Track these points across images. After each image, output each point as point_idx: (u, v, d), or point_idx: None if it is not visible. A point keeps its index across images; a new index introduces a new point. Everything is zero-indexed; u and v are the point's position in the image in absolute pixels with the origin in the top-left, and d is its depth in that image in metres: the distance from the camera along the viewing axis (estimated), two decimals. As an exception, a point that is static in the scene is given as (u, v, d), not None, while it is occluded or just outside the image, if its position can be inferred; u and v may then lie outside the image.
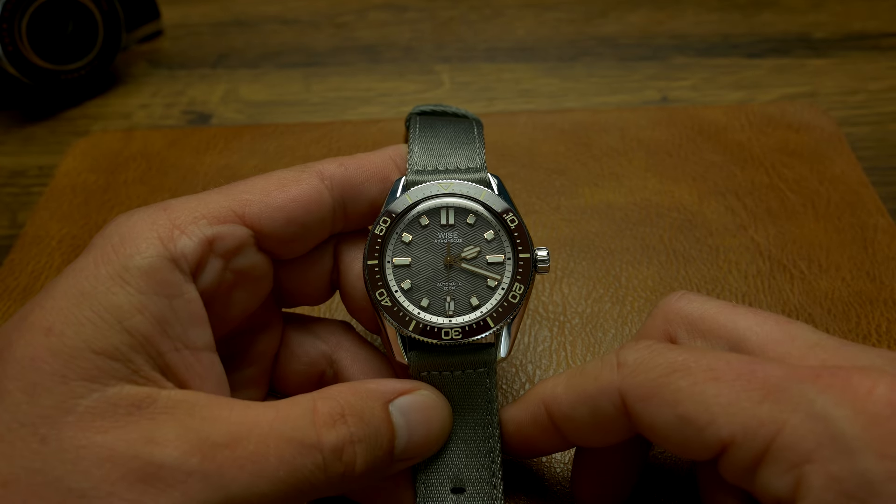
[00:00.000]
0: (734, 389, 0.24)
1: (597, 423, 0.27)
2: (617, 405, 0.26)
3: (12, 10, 0.55)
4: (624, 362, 0.26)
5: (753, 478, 0.24)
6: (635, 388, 0.26)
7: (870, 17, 0.67)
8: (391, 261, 0.30)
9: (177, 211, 0.27)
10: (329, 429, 0.26)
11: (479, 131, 0.33)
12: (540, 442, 0.30)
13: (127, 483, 0.22)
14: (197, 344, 0.27)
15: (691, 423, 0.24)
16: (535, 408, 0.29)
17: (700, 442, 0.24)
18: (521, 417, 0.30)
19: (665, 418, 0.25)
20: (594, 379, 0.27)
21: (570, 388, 0.28)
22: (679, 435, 0.25)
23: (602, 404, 0.27)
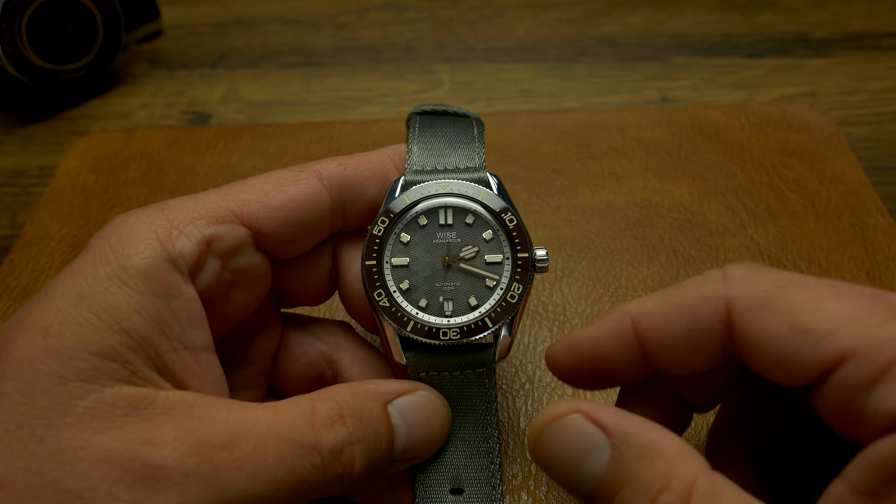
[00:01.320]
0: (858, 306, 0.23)
1: (691, 339, 0.25)
2: (720, 316, 0.25)
3: (12, 10, 0.55)
4: (732, 275, 0.25)
5: (866, 396, 0.22)
6: (745, 298, 0.24)
7: (870, 17, 0.67)
8: (389, 261, 0.30)
9: (175, 211, 0.27)
10: (328, 430, 0.26)
11: (479, 131, 0.33)
12: (616, 365, 0.27)
13: (124, 484, 0.22)
14: (195, 344, 0.27)
15: (807, 333, 0.23)
16: (620, 323, 0.26)
17: (814, 355, 0.23)
18: (600, 334, 0.27)
19: (776, 329, 0.23)
20: (696, 289, 0.25)
21: (666, 300, 0.26)
22: (788, 348, 0.23)
23: (703, 314, 0.25)
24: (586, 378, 0.28)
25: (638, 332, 0.26)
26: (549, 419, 0.24)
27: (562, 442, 0.24)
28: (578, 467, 0.24)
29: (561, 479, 0.25)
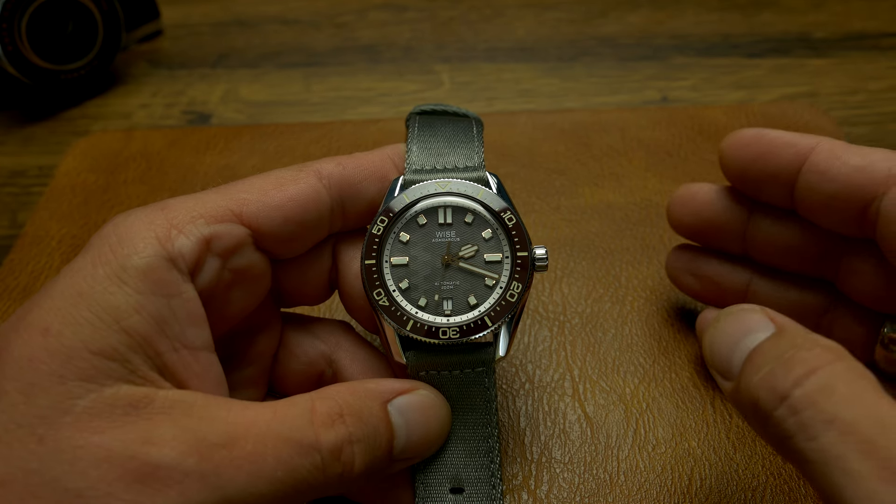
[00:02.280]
0: None
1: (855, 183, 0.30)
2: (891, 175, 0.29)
3: (12, 10, 0.55)
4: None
5: None
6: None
7: (870, 17, 0.67)
8: (389, 260, 0.30)
9: (174, 210, 0.27)
10: (327, 429, 0.26)
11: (478, 130, 0.33)
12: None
13: (124, 483, 0.22)
14: (195, 343, 0.27)
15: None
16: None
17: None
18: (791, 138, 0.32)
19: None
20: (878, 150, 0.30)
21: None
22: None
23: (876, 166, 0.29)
24: (747, 167, 0.33)
25: (816, 152, 0.31)
26: (733, 309, 0.27)
27: (734, 323, 0.26)
28: (738, 342, 0.26)
29: (718, 355, 0.26)
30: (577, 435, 0.36)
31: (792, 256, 0.35)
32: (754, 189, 0.34)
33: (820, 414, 0.22)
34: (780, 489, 0.33)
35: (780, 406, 0.23)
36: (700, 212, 0.36)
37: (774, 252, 0.35)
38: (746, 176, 0.34)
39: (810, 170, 0.31)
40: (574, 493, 0.34)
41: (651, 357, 0.39)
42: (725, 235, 0.36)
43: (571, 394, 0.37)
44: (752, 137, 0.33)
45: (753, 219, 0.35)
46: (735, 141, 0.33)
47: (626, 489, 0.33)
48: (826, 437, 0.21)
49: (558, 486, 0.34)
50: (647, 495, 0.33)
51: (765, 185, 0.33)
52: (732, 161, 0.34)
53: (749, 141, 0.33)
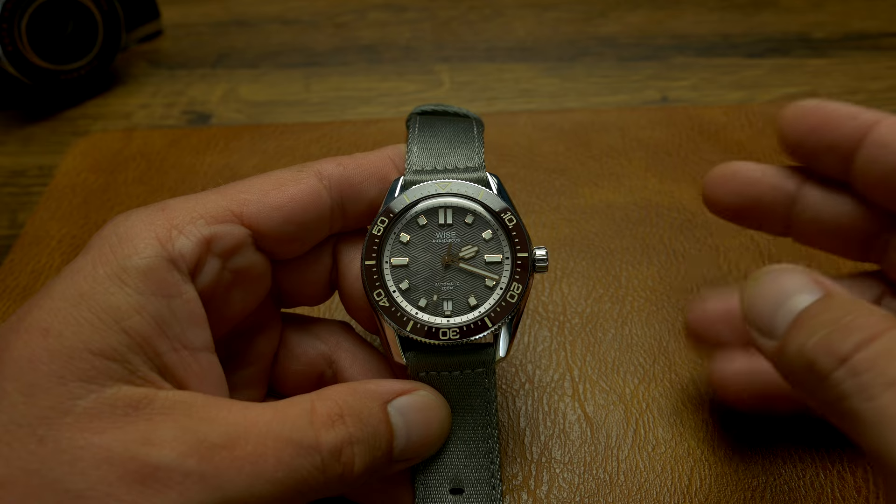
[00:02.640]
0: None
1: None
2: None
3: (12, 10, 0.55)
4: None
5: None
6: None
7: (870, 17, 0.67)
8: (389, 261, 0.30)
9: (175, 211, 0.27)
10: (327, 429, 0.26)
11: (478, 131, 0.33)
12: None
13: (124, 484, 0.22)
14: (195, 344, 0.27)
15: None
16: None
17: None
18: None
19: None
20: None
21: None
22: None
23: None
24: (806, 136, 0.33)
25: (879, 125, 0.30)
26: (774, 268, 0.27)
27: (777, 282, 0.26)
28: (782, 303, 0.26)
29: (758, 313, 0.26)
30: (577, 435, 0.36)
31: (839, 238, 0.34)
32: (810, 159, 0.33)
33: (881, 376, 0.22)
34: (780, 489, 0.33)
35: (839, 368, 0.23)
36: (743, 191, 0.34)
37: (820, 232, 0.34)
38: (804, 145, 0.33)
39: (873, 142, 0.30)
40: (574, 493, 0.34)
41: (651, 357, 0.39)
42: (769, 215, 0.34)
43: (571, 394, 0.37)
44: (813, 107, 0.33)
45: (800, 196, 0.34)
46: (795, 110, 0.33)
47: (626, 489, 0.33)
48: (886, 396, 0.21)
49: (558, 486, 0.34)
50: (647, 495, 0.33)
51: (822, 156, 0.32)
52: (791, 129, 0.33)
53: (810, 111, 0.32)
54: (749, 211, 0.35)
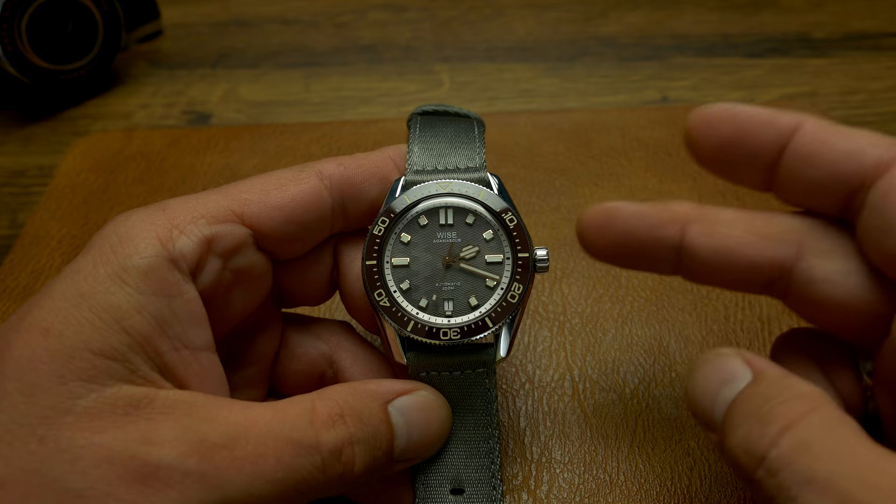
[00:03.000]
0: None
1: (839, 175, 0.26)
2: (880, 164, 0.25)
3: (12, 10, 0.55)
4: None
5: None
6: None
7: (870, 17, 0.67)
8: (390, 261, 0.30)
9: (175, 211, 0.27)
10: (328, 429, 0.26)
11: (479, 131, 0.33)
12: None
13: (124, 483, 0.22)
14: (196, 344, 0.27)
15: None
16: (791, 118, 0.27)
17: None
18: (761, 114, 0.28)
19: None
20: (868, 134, 0.26)
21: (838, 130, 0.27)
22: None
23: (866, 152, 0.26)
24: (719, 148, 0.28)
25: (800, 133, 0.27)
26: (709, 356, 0.26)
27: (711, 372, 0.25)
28: (718, 393, 0.25)
29: (700, 406, 0.25)
30: (577, 435, 0.36)
31: (741, 272, 0.29)
32: (726, 172, 0.29)
33: (797, 474, 0.21)
34: (780, 489, 0.33)
35: (758, 468, 0.22)
36: (623, 236, 0.29)
37: (719, 270, 0.29)
38: (720, 158, 0.29)
39: (794, 154, 0.27)
40: (574, 493, 0.34)
41: (651, 357, 0.39)
42: (658, 258, 0.29)
43: (571, 394, 0.37)
44: (724, 114, 0.28)
45: (689, 235, 0.28)
46: (704, 118, 0.28)
47: (626, 489, 0.33)
48: (805, 497, 0.21)
49: (558, 486, 0.34)
50: (647, 495, 0.33)
51: (740, 168, 0.29)
52: (702, 142, 0.28)
53: (721, 118, 0.28)
54: (633, 256, 0.30)
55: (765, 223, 0.28)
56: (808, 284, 0.27)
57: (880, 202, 0.25)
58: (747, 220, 0.28)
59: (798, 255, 0.27)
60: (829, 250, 0.27)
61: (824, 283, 0.27)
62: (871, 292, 0.26)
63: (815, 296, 0.27)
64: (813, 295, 0.27)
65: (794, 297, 0.28)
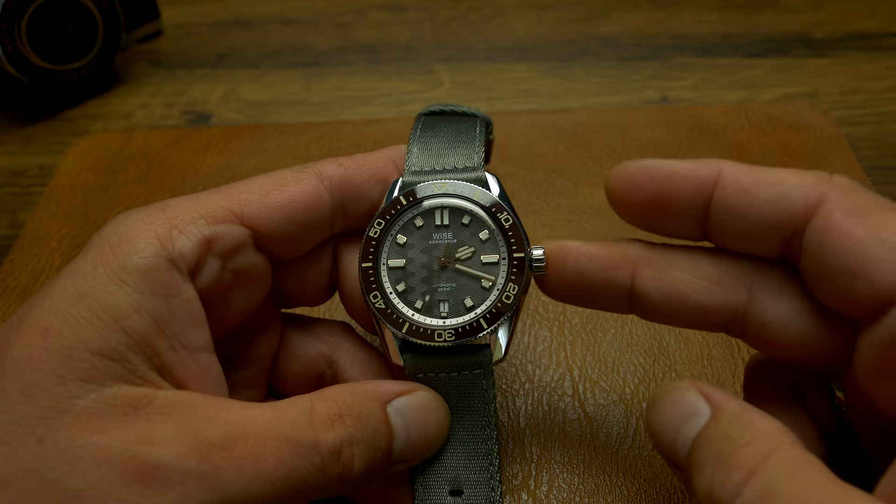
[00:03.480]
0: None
1: (769, 212, 0.26)
2: (808, 205, 0.25)
3: (12, 10, 0.55)
4: (838, 180, 0.25)
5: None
6: (842, 201, 0.24)
7: (870, 17, 0.67)
8: (386, 263, 0.30)
9: (175, 211, 0.27)
10: (327, 429, 0.26)
11: (481, 130, 0.32)
12: (679, 205, 0.27)
13: (124, 484, 0.22)
14: (194, 344, 0.27)
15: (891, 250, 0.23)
16: (709, 169, 0.27)
17: (889, 274, 0.23)
18: (685, 170, 0.27)
19: (861, 235, 0.23)
20: (798, 174, 0.26)
21: (761, 171, 0.26)
22: (867, 256, 0.23)
23: (794, 195, 0.25)
24: (643, 208, 0.28)
25: (721, 186, 0.26)
26: (666, 390, 0.26)
27: (670, 407, 0.25)
28: (679, 430, 0.24)
29: (663, 442, 0.25)
30: (577, 435, 0.36)
31: (693, 316, 0.28)
32: (657, 229, 0.29)
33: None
34: (779, 489, 0.33)
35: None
36: (575, 277, 0.29)
37: (670, 313, 0.29)
38: (645, 217, 0.28)
39: (719, 208, 0.26)
40: (574, 493, 0.34)
41: (651, 357, 0.39)
42: (611, 300, 0.29)
43: (571, 394, 0.37)
44: (642, 174, 0.27)
45: (639, 279, 0.29)
46: (623, 180, 0.28)
47: (626, 489, 0.33)
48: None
49: (558, 486, 0.34)
50: (647, 495, 0.33)
51: (669, 224, 0.28)
52: (624, 203, 0.28)
53: (640, 179, 0.28)
54: (587, 295, 0.30)
55: (714, 267, 0.28)
56: (763, 326, 0.27)
57: (816, 247, 0.24)
58: (696, 264, 0.28)
59: (749, 298, 0.27)
60: (779, 290, 0.27)
61: (778, 325, 0.26)
62: (825, 328, 0.26)
63: (771, 336, 0.27)
64: (769, 335, 0.27)
65: (751, 336, 0.27)
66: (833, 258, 0.24)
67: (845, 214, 0.24)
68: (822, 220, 0.24)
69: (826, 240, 0.24)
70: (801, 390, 0.29)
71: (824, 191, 0.25)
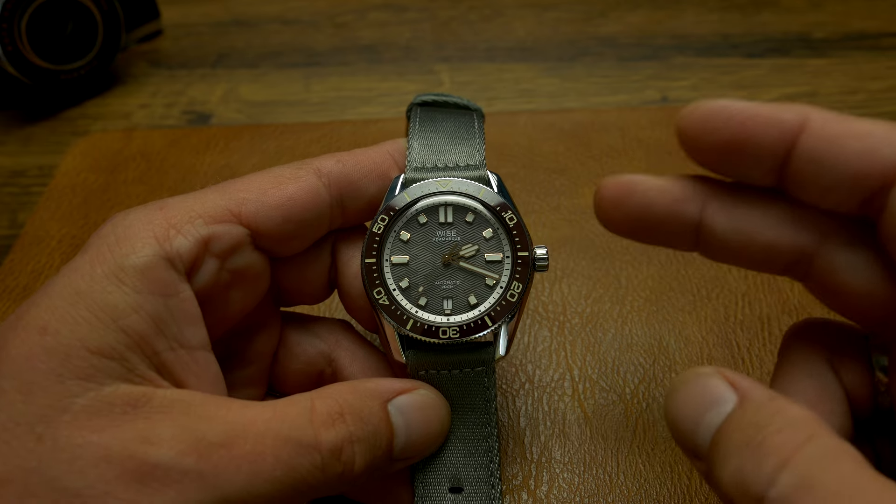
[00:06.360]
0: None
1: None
2: (888, 168, 0.24)
3: (12, 10, 0.55)
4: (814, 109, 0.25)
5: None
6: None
7: (870, 17, 0.67)
8: (389, 259, 0.30)
9: (173, 210, 0.27)
10: (328, 428, 0.26)
11: (479, 125, 0.32)
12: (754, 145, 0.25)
13: (122, 482, 0.22)
14: (192, 343, 0.27)
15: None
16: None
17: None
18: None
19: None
20: (881, 127, 0.24)
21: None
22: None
23: (882, 151, 0.24)
24: (717, 151, 0.26)
25: (807, 133, 0.25)
26: (688, 376, 0.24)
27: (692, 395, 0.24)
28: (701, 418, 0.23)
29: (682, 432, 0.24)
30: (577, 435, 0.36)
31: (760, 254, 0.28)
32: (731, 173, 0.27)
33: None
34: (780, 489, 0.33)
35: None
36: (641, 210, 0.28)
37: (737, 251, 0.28)
38: (720, 161, 0.27)
39: (802, 157, 0.25)
40: (574, 493, 0.33)
41: (651, 357, 0.39)
42: (676, 235, 0.28)
43: (571, 394, 0.37)
44: (720, 114, 0.26)
45: (708, 213, 0.27)
46: (699, 119, 0.26)
47: (626, 489, 0.33)
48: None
49: (558, 486, 0.34)
50: (647, 495, 0.33)
51: (745, 170, 0.27)
52: (698, 145, 0.26)
53: (717, 119, 0.26)
54: (652, 232, 0.29)
55: (787, 205, 0.27)
56: (830, 272, 0.26)
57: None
58: (769, 202, 0.27)
59: (821, 240, 0.26)
60: (852, 239, 0.26)
61: (846, 272, 0.26)
62: (893, 287, 0.25)
63: (837, 283, 0.26)
64: (834, 282, 0.26)
65: (815, 281, 0.27)
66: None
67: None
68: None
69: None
70: (839, 363, 0.28)
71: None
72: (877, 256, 0.26)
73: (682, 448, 0.24)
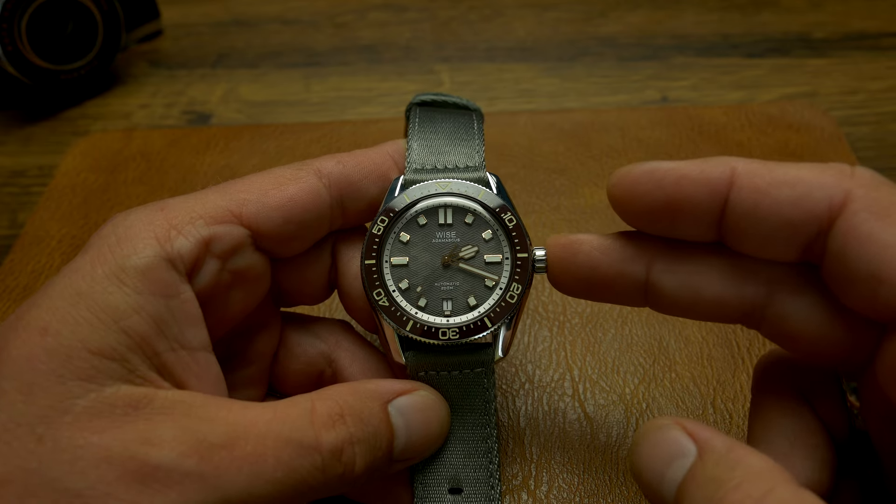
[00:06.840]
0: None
1: (788, 216, 0.24)
2: (833, 205, 0.23)
3: (12, 10, 0.55)
4: (860, 174, 0.24)
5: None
6: (867, 200, 0.23)
7: (870, 17, 0.67)
8: (389, 260, 0.30)
9: (174, 211, 0.27)
10: (328, 429, 0.26)
11: (479, 126, 0.32)
12: (689, 210, 0.25)
13: (123, 483, 0.22)
14: (193, 344, 0.27)
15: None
16: (720, 169, 0.25)
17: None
18: (691, 171, 0.25)
19: (888, 237, 0.22)
20: (817, 170, 0.24)
21: (779, 168, 0.24)
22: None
23: (815, 195, 0.23)
24: (651, 215, 0.26)
25: (736, 187, 0.25)
26: (648, 429, 0.24)
27: (653, 448, 0.24)
28: (664, 473, 0.23)
29: (649, 486, 0.24)
30: (577, 435, 0.36)
31: (709, 309, 0.28)
32: (668, 233, 0.27)
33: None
34: (779, 489, 0.33)
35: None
36: (586, 272, 0.28)
37: (686, 307, 0.28)
38: (657, 224, 0.27)
39: (736, 211, 0.25)
40: (574, 493, 0.34)
41: (651, 357, 0.39)
42: (625, 294, 0.28)
43: (571, 394, 0.37)
44: (647, 179, 0.26)
45: (654, 271, 0.28)
46: (626, 186, 0.26)
47: (626, 489, 0.33)
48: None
49: (558, 486, 0.34)
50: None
51: (682, 229, 0.27)
52: (632, 211, 0.27)
53: (645, 185, 0.26)
54: (599, 290, 0.29)
55: (731, 259, 0.27)
56: (781, 320, 0.26)
57: (841, 251, 0.23)
58: (714, 256, 0.27)
59: (768, 291, 0.26)
60: (800, 285, 0.26)
61: (797, 320, 0.26)
62: (846, 326, 0.25)
63: (789, 330, 0.26)
64: (787, 329, 0.26)
65: (768, 329, 0.27)
66: (859, 263, 0.23)
67: (872, 216, 0.23)
68: (847, 222, 0.23)
69: (851, 244, 0.23)
70: (811, 393, 0.28)
71: (848, 188, 0.23)
72: (825, 300, 0.25)
73: (650, 502, 0.24)
